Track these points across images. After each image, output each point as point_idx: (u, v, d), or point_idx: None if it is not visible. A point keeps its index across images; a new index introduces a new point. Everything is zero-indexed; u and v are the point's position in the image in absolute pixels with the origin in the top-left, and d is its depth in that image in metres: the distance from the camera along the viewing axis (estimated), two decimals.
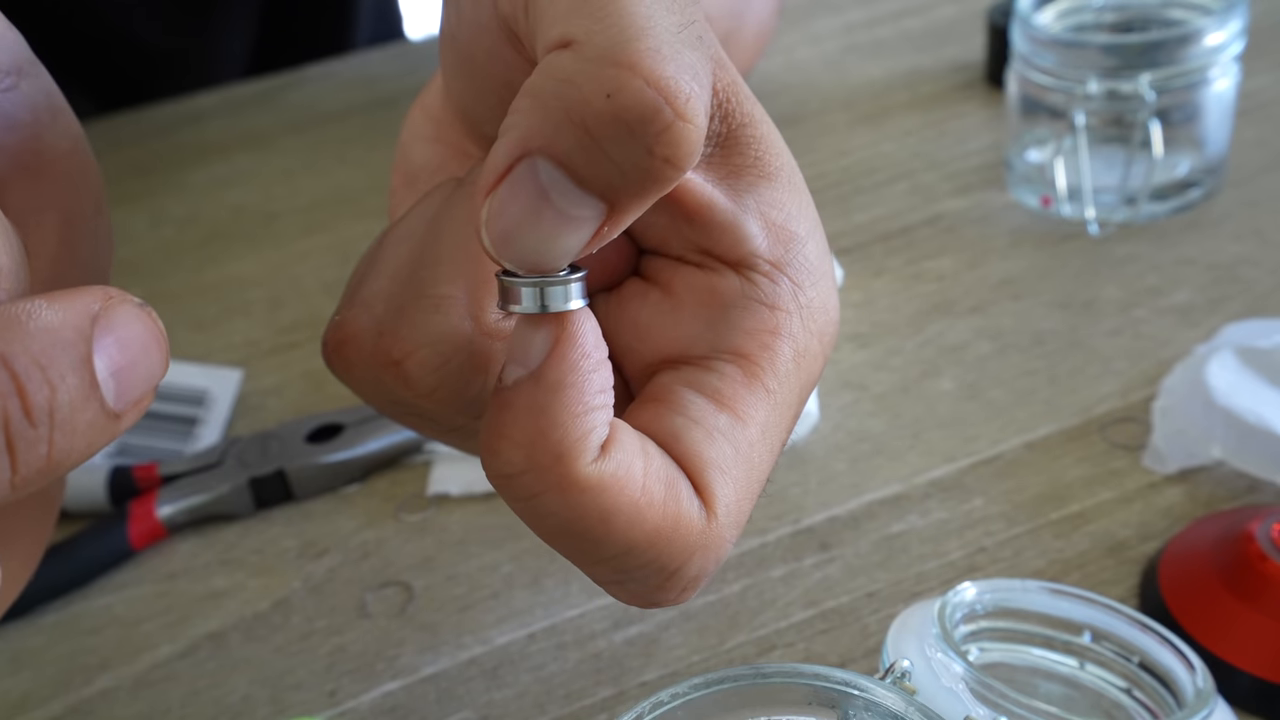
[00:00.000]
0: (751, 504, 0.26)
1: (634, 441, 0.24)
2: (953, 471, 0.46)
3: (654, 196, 0.23)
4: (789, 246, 0.27)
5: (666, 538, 0.24)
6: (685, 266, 0.27)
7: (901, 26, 0.79)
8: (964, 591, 0.34)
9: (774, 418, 0.26)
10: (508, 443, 0.23)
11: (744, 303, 0.26)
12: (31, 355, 0.18)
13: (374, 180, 0.71)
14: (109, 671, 0.43)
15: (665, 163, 0.22)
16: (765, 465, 0.26)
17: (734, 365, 0.26)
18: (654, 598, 0.26)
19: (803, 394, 0.27)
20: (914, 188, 0.63)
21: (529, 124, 0.22)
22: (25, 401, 0.18)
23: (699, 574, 0.25)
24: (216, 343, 0.59)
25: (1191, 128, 0.56)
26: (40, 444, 0.18)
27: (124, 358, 0.19)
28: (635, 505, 0.23)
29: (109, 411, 0.19)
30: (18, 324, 0.18)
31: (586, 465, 0.23)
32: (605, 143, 0.21)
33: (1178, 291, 0.53)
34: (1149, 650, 0.34)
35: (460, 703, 0.40)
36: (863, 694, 0.27)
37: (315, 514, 0.49)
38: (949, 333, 0.53)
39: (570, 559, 0.25)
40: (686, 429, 0.25)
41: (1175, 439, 0.44)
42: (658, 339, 0.27)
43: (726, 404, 0.25)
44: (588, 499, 0.23)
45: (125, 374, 0.19)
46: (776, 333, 0.26)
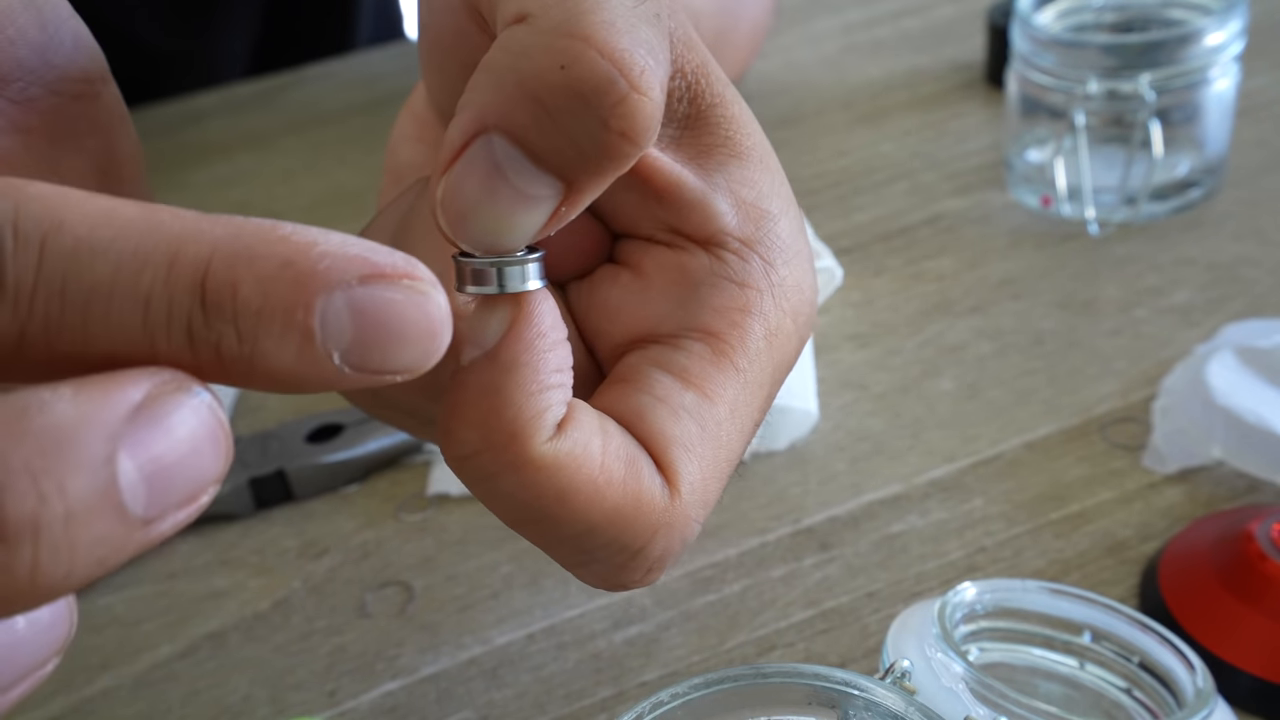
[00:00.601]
0: (720, 484, 0.26)
1: (592, 420, 0.24)
2: (953, 471, 0.46)
3: (611, 175, 0.22)
4: (760, 224, 0.26)
5: (627, 516, 0.24)
6: (656, 246, 0.27)
7: (901, 26, 0.79)
8: (964, 591, 0.34)
9: (744, 396, 0.26)
10: (462, 423, 0.23)
11: (713, 280, 0.26)
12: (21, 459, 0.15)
13: (374, 180, 0.71)
14: (109, 671, 0.43)
15: (621, 137, 0.22)
16: (735, 445, 0.26)
17: (702, 343, 0.25)
18: (619, 579, 0.25)
19: (776, 374, 0.27)
20: (914, 188, 0.63)
21: (484, 100, 0.22)
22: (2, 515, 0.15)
23: (664, 553, 0.25)
24: None
25: (1191, 128, 0.56)
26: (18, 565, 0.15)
27: (165, 457, 0.17)
28: (593, 483, 0.23)
29: (131, 520, 0.16)
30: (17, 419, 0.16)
31: (541, 444, 0.22)
32: (560, 116, 0.21)
33: (1178, 291, 0.53)
34: (1149, 650, 0.34)
35: (460, 703, 0.40)
36: (863, 694, 0.27)
37: (315, 514, 0.49)
38: (949, 332, 0.53)
39: (532, 541, 0.25)
40: (651, 407, 0.25)
41: (1175, 439, 0.44)
42: (627, 319, 0.27)
43: (694, 382, 0.25)
44: (543, 478, 0.23)
45: (163, 477, 0.17)
46: (747, 310, 0.26)
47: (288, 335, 0.18)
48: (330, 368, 0.18)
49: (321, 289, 0.18)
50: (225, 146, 0.78)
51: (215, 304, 0.17)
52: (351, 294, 0.18)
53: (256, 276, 0.18)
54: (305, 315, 0.18)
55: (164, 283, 0.17)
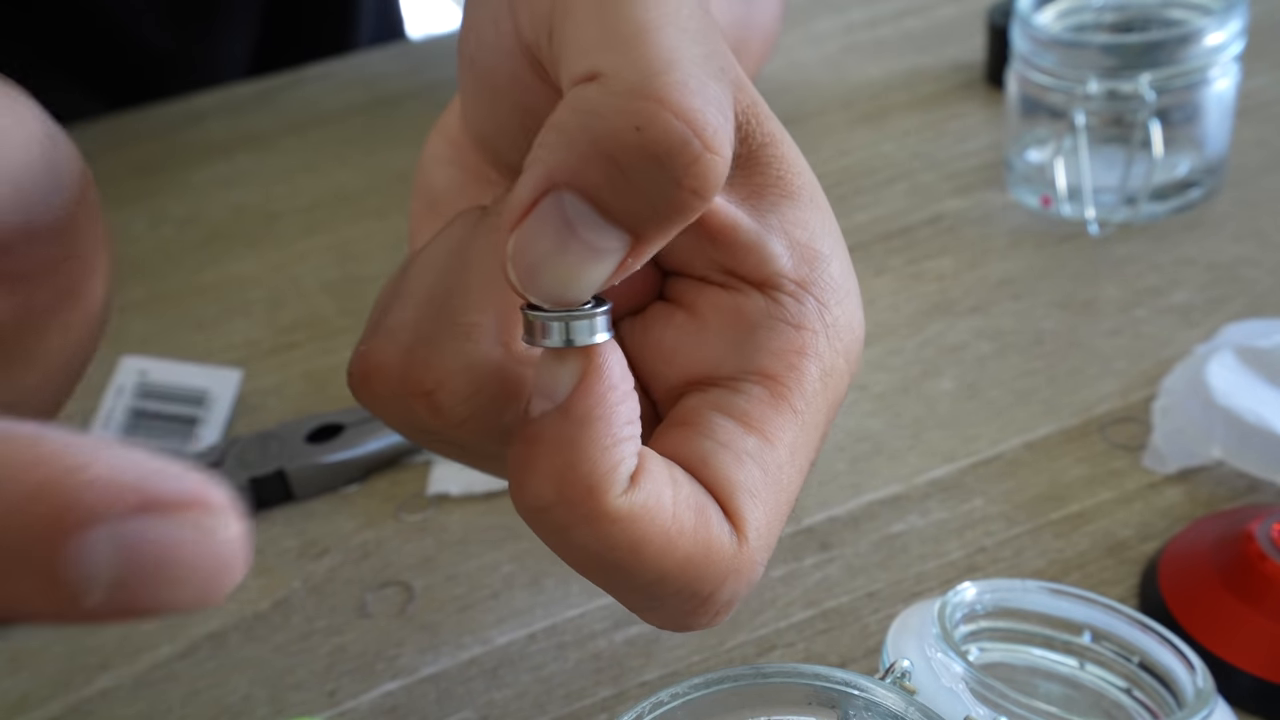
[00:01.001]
0: (781, 525, 0.26)
1: (662, 470, 0.24)
2: (953, 471, 0.46)
3: (679, 227, 0.23)
4: (814, 265, 0.27)
5: (698, 565, 0.24)
6: (710, 287, 0.27)
7: (902, 26, 0.79)
8: (964, 591, 0.34)
9: (802, 438, 0.26)
10: (537, 477, 0.23)
11: (770, 323, 0.26)
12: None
13: (374, 181, 0.71)
14: (109, 671, 0.43)
15: (693, 194, 0.22)
16: (794, 486, 0.26)
17: (761, 386, 0.26)
18: (687, 622, 0.26)
19: (830, 413, 0.27)
20: (914, 188, 0.63)
21: (555, 158, 0.22)
22: None
23: (732, 598, 0.25)
24: (216, 343, 0.59)
25: (1191, 128, 0.56)
26: None
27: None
28: (666, 534, 0.23)
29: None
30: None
31: (616, 497, 0.23)
32: (633, 175, 0.21)
33: (1177, 291, 0.53)
34: (1149, 650, 0.34)
35: (460, 703, 0.40)
36: (863, 694, 0.27)
37: (315, 514, 0.49)
38: (949, 332, 0.53)
39: (601, 586, 0.25)
40: (715, 453, 0.25)
41: (1175, 439, 0.44)
42: (684, 361, 0.27)
43: (754, 426, 0.25)
44: (619, 530, 0.23)
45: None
46: (803, 353, 0.26)
47: (34, 578, 0.15)
48: (87, 606, 0.16)
49: (75, 527, 0.15)
50: (225, 146, 0.78)
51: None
52: (116, 532, 0.15)
53: (8, 505, 0.15)
54: (53, 558, 0.15)
55: None
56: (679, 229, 0.23)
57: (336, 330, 0.59)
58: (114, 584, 0.16)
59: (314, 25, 0.91)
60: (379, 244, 0.65)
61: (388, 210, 0.68)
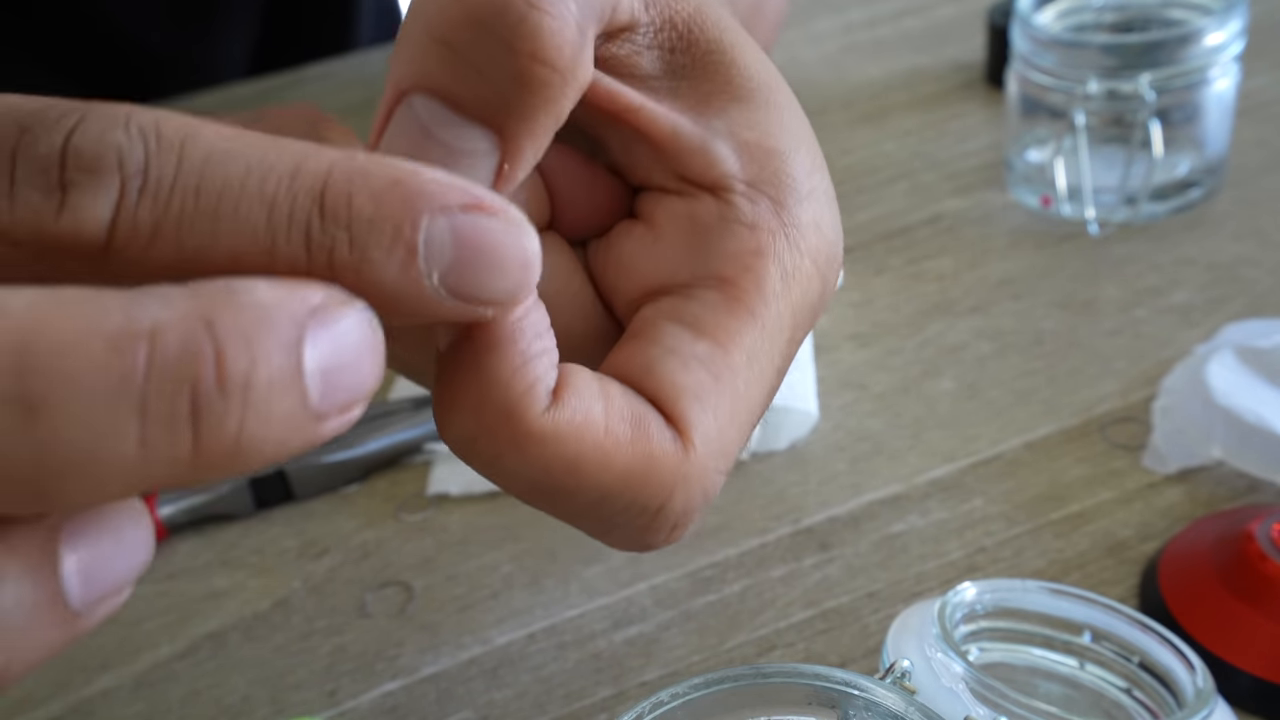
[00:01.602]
0: (741, 435, 0.25)
1: (590, 384, 0.23)
2: (953, 471, 0.46)
3: (541, 115, 0.22)
4: (765, 164, 0.26)
5: (640, 477, 0.23)
6: (667, 196, 0.26)
7: (901, 26, 0.79)
8: (964, 591, 0.34)
9: (762, 343, 0.25)
10: (455, 411, 0.22)
11: (723, 225, 0.25)
12: (238, 324, 0.17)
13: None
14: (109, 671, 0.43)
15: (532, 59, 0.21)
16: (755, 393, 0.25)
17: (715, 291, 0.25)
18: (645, 540, 0.25)
19: (797, 318, 0.26)
20: (914, 187, 0.63)
21: (398, 64, 0.22)
22: (221, 369, 0.16)
23: (686, 508, 0.24)
24: None
25: (1191, 128, 0.56)
26: (230, 420, 0.16)
27: (336, 358, 0.17)
28: (600, 449, 0.23)
29: (311, 409, 0.17)
30: (230, 294, 0.17)
31: (538, 417, 0.22)
32: (470, 56, 0.21)
33: (1177, 291, 0.53)
34: (1149, 650, 0.34)
35: (460, 703, 0.40)
36: (863, 694, 0.27)
37: (315, 514, 0.49)
38: (949, 332, 0.53)
39: (552, 514, 0.24)
40: (660, 360, 0.24)
41: (1175, 439, 0.44)
42: (640, 273, 0.26)
43: (706, 331, 0.24)
44: (549, 451, 0.22)
45: (334, 375, 0.17)
46: (759, 253, 0.25)
47: (395, 248, 0.19)
48: (428, 289, 0.19)
49: (426, 209, 0.19)
50: None
51: (332, 211, 0.18)
52: (454, 219, 0.19)
53: (370, 190, 0.19)
54: (411, 231, 0.19)
55: (287, 189, 0.18)
56: (543, 117, 0.22)
57: None
58: (451, 266, 0.19)
59: (314, 25, 0.91)
60: None
61: None
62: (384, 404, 0.51)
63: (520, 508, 0.47)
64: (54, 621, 0.18)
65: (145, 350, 0.16)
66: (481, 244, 0.19)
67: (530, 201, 0.26)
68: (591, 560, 0.45)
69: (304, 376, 0.17)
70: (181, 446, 0.16)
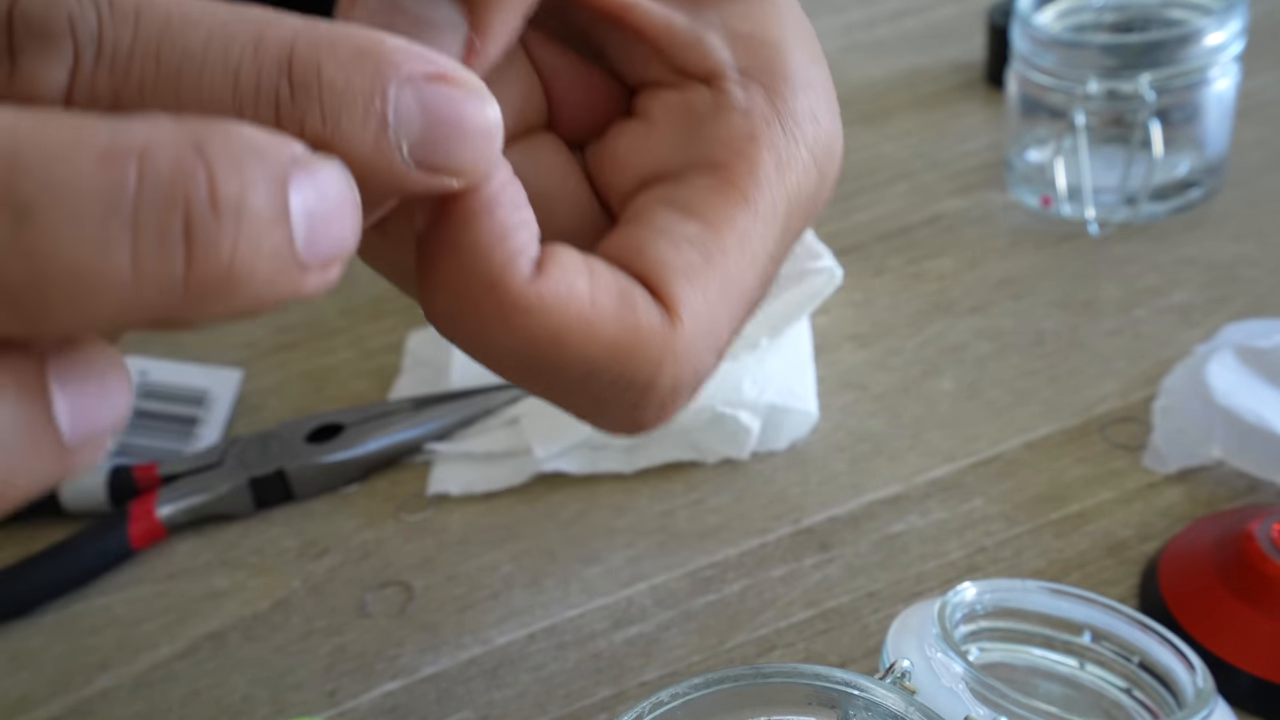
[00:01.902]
0: (732, 319, 0.25)
1: (575, 259, 0.23)
2: (953, 471, 0.46)
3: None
4: (759, 53, 0.26)
5: (627, 349, 0.23)
6: (662, 90, 0.26)
7: (901, 26, 0.79)
8: (964, 591, 0.34)
9: (755, 227, 0.25)
10: (437, 290, 0.22)
11: (715, 113, 0.25)
12: (228, 151, 0.16)
13: None
14: (109, 671, 0.43)
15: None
16: (747, 278, 0.25)
17: (708, 176, 0.25)
18: (635, 418, 0.24)
19: (792, 208, 0.26)
20: (914, 187, 0.63)
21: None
22: (214, 190, 0.16)
23: (675, 385, 0.24)
24: (217, 343, 0.59)
25: (1191, 128, 0.56)
26: (223, 244, 0.16)
27: (320, 206, 0.17)
28: (585, 320, 0.22)
29: (297, 254, 0.17)
30: (218, 125, 0.17)
31: (522, 287, 0.22)
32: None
33: (1177, 291, 0.53)
34: (1149, 650, 0.34)
35: (460, 702, 0.40)
36: (863, 694, 0.28)
37: (315, 514, 0.49)
38: (949, 332, 0.53)
39: (541, 394, 0.24)
40: (649, 240, 0.24)
41: (1175, 439, 0.44)
42: (634, 164, 0.26)
43: (697, 213, 0.24)
44: (534, 321, 0.22)
45: (318, 224, 0.17)
46: (752, 138, 0.25)
47: (367, 120, 0.18)
48: (399, 160, 0.19)
49: (394, 78, 0.19)
50: None
51: (301, 81, 0.18)
52: (420, 89, 0.19)
53: (338, 60, 0.18)
54: (382, 103, 0.19)
55: (253, 57, 0.18)
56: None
57: (336, 330, 0.59)
58: (420, 137, 0.19)
59: None
60: None
61: None
62: (384, 404, 0.51)
63: (520, 508, 0.47)
64: (47, 446, 0.17)
65: (135, 166, 0.16)
66: (446, 114, 0.19)
67: (527, 102, 0.27)
68: (591, 560, 0.45)
69: (290, 217, 0.17)
70: (174, 266, 0.16)
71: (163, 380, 0.54)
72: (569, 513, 0.47)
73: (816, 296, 0.51)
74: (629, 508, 0.46)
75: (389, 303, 0.60)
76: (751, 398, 0.47)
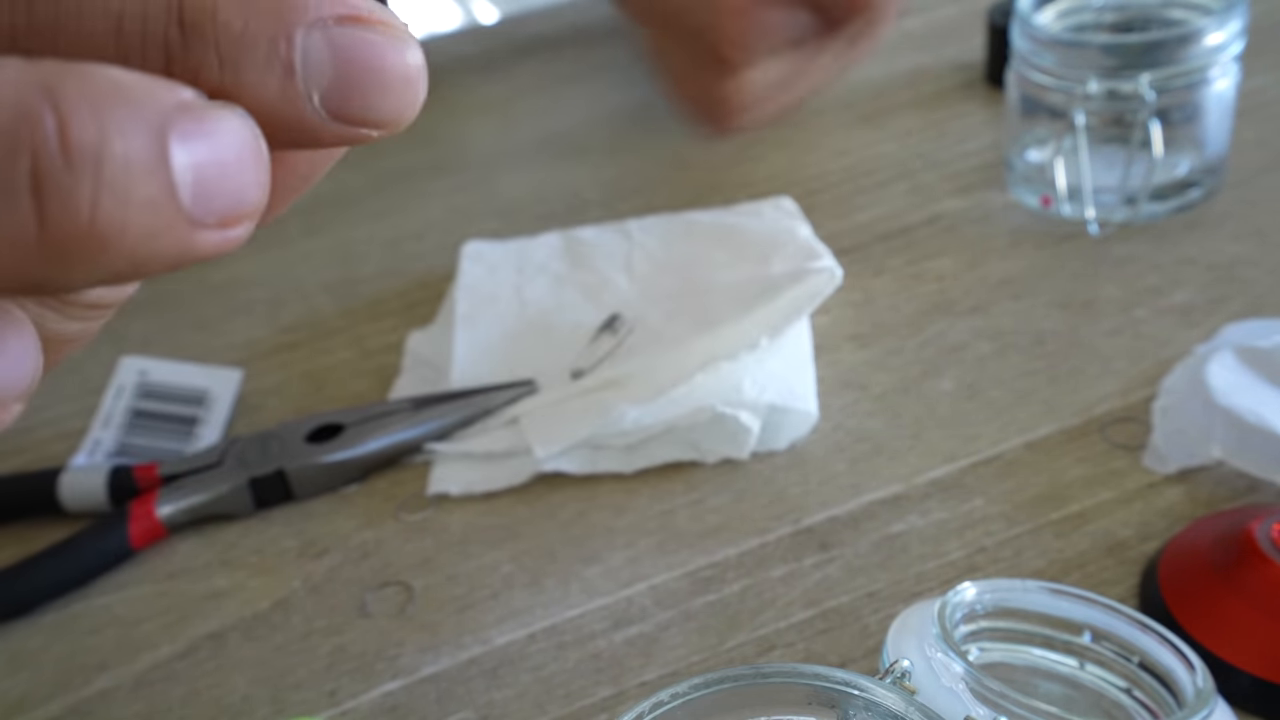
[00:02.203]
0: None
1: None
2: (953, 471, 0.46)
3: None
4: None
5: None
6: None
7: (902, 26, 0.79)
8: (964, 591, 0.34)
9: None
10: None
11: None
12: (85, 94, 0.15)
13: (375, 182, 0.71)
14: (108, 671, 0.43)
15: None
16: None
17: None
18: None
19: None
20: (914, 188, 0.63)
21: None
22: (65, 137, 0.15)
23: None
24: (217, 342, 0.59)
25: (1191, 128, 0.56)
26: (80, 196, 0.15)
27: (212, 158, 0.16)
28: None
29: (183, 210, 0.16)
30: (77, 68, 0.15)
31: None
32: None
33: (1178, 291, 0.53)
34: (1149, 650, 0.34)
35: (460, 702, 0.40)
36: (863, 694, 0.28)
37: (315, 514, 0.49)
38: (949, 332, 0.53)
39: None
40: None
41: (1175, 439, 0.44)
42: None
43: None
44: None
45: (210, 178, 0.16)
46: None
47: (270, 67, 0.17)
48: (309, 111, 0.17)
49: (300, 21, 0.17)
50: None
51: (194, 24, 0.17)
52: (330, 32, 0.17)
53: (236, 2, 0.17)
54: (287, 47, 0.17)
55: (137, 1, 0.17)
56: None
57: (336, 330, 0.59)
58: (331, 85, 0.17)
59: None
60: (379, 245, 0.65)
61: (388, 212, 0.68)
62: (384, 404, 0.51)
63: (520, 508, 0.47)
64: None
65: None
66: (361, 59, 0.18)
67: None
68: (591, 560, 0.45)
69: (171, 169, 0.16)
70: (24, 222, 0.15)
71: (163, 380, 0.54)
72: (569, 513, 0.47)
73: (816, 296, 0.51)
74: (629, 508, 0.47)
75: (389, 303, 0.60)
76: (751, 398, 0.47)
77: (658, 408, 0.48)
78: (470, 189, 0.69)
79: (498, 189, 0.68)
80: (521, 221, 0.64)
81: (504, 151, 0.72)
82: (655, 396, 0.48)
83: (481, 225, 0.64)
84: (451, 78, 0.80)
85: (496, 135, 0.74)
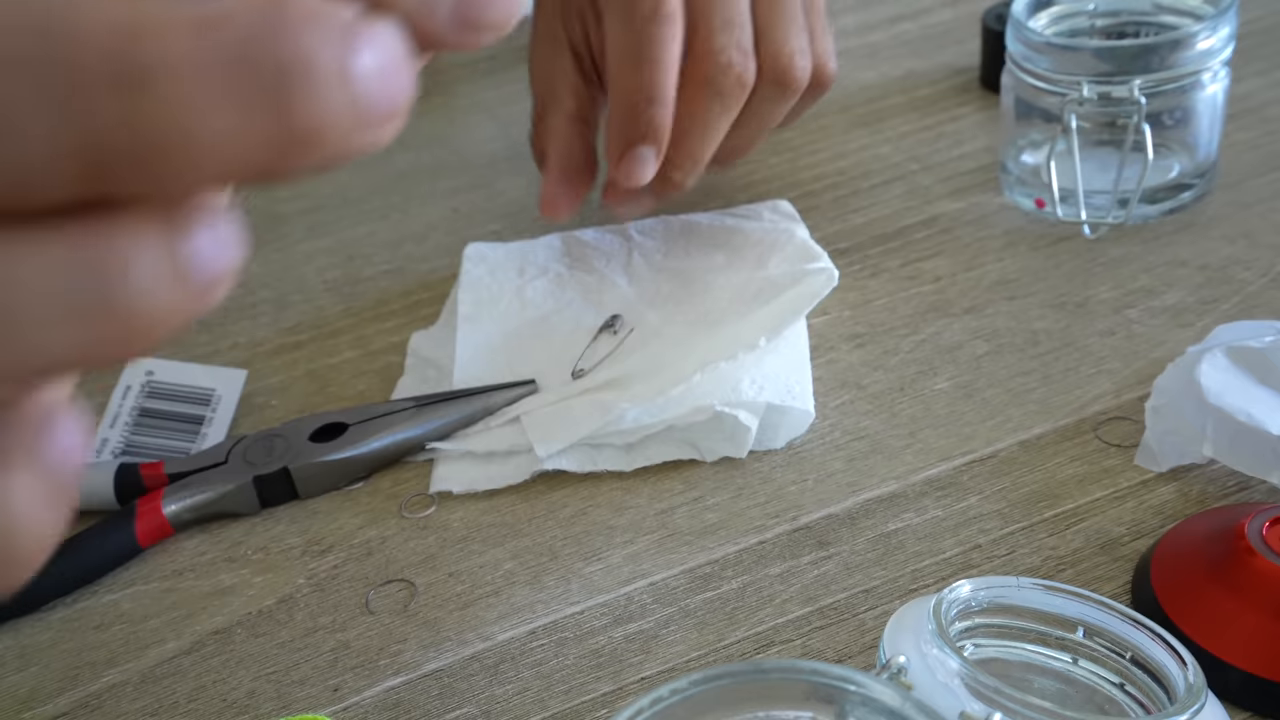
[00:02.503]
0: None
1: None
2: (948, 470, 0.46)
3: None
4: None
5: None
6: None
7: (897, 31, 0.79)
8: (959, 588, 0.35)
9: None
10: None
11: None
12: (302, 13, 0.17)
13: (377, 183, 0.71)
14: (115, 667, 0.44)
15: None
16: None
17: None
18: None
19: None
20: (910, 190, 0.63)
21: None
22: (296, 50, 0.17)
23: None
24: (222, 342, 0.60)
25: (1183, 131, 0.56)
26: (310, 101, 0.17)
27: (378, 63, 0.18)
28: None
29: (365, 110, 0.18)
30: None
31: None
32: None
33: (1170, 292, 0.53)
34: (1141, 646, 0.34)
35: (462, 698, 0.41)
36: (860, 690, 0.28)
37: (319, 512, 0.49)
38: (945, 333, 0.53)
39: None
40: None
41: (1167, 438, 0.45)
42: None
43: None
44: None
45: (378, 80, 0.18)
46: None
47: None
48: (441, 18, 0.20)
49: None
50: None
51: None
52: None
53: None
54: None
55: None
56: None
57: (339, 330, 0.59)
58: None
59: None
60: (382, 245, 0.65)
61: (390, 212, 0.68)
62: (387, 403, 0.51)
63: (522, 506, 0.48)
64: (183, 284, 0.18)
65: (229, 31, 0.17)
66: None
67: None
68: (592, 558, 0.45)
69: (356, 77, 0.18)
70: (270, 124, 0.17)
71: (169, 380, 0.55)
72: (569, 511, 0.47)
73: (814, 297, 0.52)
74: (629, 506, 0.47)
75: (392, 303, 0.61)
76: (750, 397, 0.48)
77: (657, 407, 0.48)
78: (472, 191, 0.69)
79: (500, 191, 0.68)
80: (523, 223, 0.64)
81: (506, 154, 0.72)
82: (655, 396, 0.48)
83: (484, 227, 0.65)
84: (455, 80, 0.80)
85: (499, 137, 0.74)
